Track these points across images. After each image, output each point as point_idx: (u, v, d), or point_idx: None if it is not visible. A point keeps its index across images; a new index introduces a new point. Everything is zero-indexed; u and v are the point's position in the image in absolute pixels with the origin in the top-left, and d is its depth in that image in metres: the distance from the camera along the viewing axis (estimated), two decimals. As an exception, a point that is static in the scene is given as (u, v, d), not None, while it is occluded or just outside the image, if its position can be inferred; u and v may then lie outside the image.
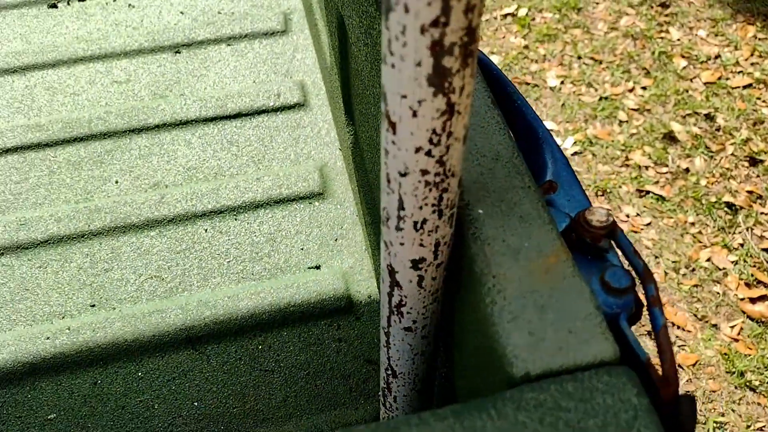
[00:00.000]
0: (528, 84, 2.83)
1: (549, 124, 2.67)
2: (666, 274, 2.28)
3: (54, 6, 1.65)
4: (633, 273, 0.55)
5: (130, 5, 1.63)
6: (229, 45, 1.52)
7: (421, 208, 0.47)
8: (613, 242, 0.54)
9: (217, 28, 1.54)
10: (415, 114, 0.42)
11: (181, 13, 1.61)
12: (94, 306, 1.14)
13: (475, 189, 0.54)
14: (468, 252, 0.52)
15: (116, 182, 1.31)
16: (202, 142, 1.37)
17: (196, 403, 1.05)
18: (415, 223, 0.48)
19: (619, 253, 0.55)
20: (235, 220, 1.25)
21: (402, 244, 0.51)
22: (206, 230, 1.24)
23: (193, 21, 1.58)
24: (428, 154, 0.44)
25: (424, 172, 0.45)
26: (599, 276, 0.52)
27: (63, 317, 1.13)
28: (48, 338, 1.09)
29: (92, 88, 1.47)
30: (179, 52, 1.52)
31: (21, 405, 1.04)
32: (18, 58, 1.50)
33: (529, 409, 0.44)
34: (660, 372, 0.47)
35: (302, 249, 1.21)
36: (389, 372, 0.65)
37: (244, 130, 1.38)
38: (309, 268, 1.18)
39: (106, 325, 1.10)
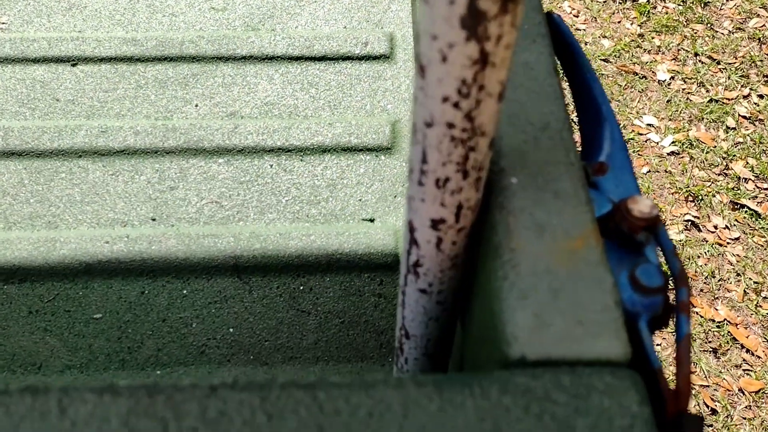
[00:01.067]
0: (636, 74, 2.69)
1: (650, 119, 2.55)
2: (745, 294, 2.15)
3: (168, -73, 1.68)
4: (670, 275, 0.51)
5: None
6: None
7: (444, 164, 0.45)
8: (653, 238, 0.50)
9: None
10: (444, 59, 0.39)
11: (287, -53, 1.60)
12: (154, 220, 1.18)
13: (513, 156, 0.51)
14: (491, 220, 0.49)
15: (196, 105, 1.34)
16: (284, 79, 1.37)
17: (231, 329, 1.08)
18: (437, 180, 0.46)
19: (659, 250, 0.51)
20: (301, 161, 1.25)
21: (423, 200, 0.49)
22: (271, 166, 1.25)
23: (297, -42, 1.57)
24: (456, 105, 0.41)
25: (450, 126, 0.43)
26: (630, 270, 0.49)
27: (125, 225, 1.17)
28: (107, 242, 1.13)
29: (190, 11, 1.50)
30: None
31: (72, 300, 1.09)
32: None
33: (516, 393, 0.41)
34: (673, 385, 0.44)
35: (360, 200, 1.20)
36: (402, 332, 0.64)
37: (326, 74, 1.38)
38: (363, 219, 1.18)
39: (162, 240, 1.14)
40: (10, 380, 1.04)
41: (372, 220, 1.18)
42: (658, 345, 2.09)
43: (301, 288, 1.10)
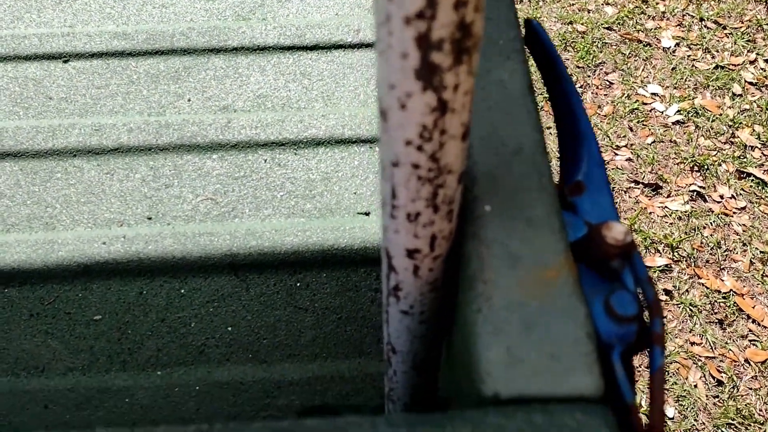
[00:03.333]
0: (640, 42, 2.65)
1: (655, 88, 2.51)
2: (751, 264, 2.14)
3: None
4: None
5: None
6: None
7: (413, 200, 0.45)
8: (627, 264, 0.49)
9: None
10: (403, 106, 0.39)
11: (277, -68, 1.57)
12: (150, 219, 1.18)
13: (486, 182, 0.51)
14: (466, 250, 0.49)
15: (188, 100, 1.33)
16: (276, 70, 1.36)
17: (230, 328, 1.09)
18: (408, 214, 0.46)
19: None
20: (295, 154, 1.25)
21: (396, 231, 0.49)
22: (266, 161, 1.24)
23: (287, -58, 1.54)
24: (419, 149, 0.41)
25: (416, 166, 0.42)
26: (605, 297, 0.49)
27: (121, 225, 1.18)
28: (104, 243, 1.14)
29: (180, 2, 1.48)
30: None
31: (72, 302, 1.10)
32: None
33: None
34: (646, 420, 0.44)
35: (355, 193, 1.20)
36: (389, 347, 0.65)
37: (318, 64, 1.36)
38: (359, 213, 1.18)
39: (159, 239, 1.14)
40: (14, 384, 1.05)
41: (368, 214, 1.17)
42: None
43: (298, 284, 1.11)
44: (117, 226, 1.17)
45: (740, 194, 2.27)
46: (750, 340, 2.05)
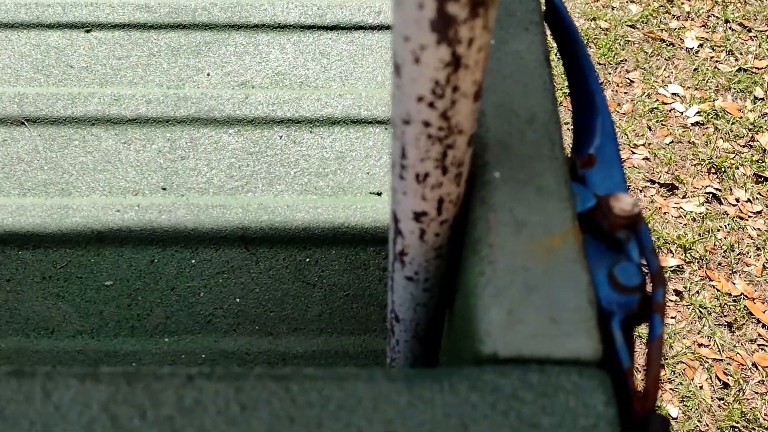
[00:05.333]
0: (663, 41, 2.63)
1: (675, 88, 2.49)
2: (764, 268, 2.12)
3: None
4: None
5: None
6: None
7: (423, 160, 0.45)
8: (633, 235, 0.50)
9: None
10: (417, 60, 0.39)
11: None
12: (165, 189, 1.19)
13: (498, 150, 0.51)
14: (472, 215, 0.49)
15: (208, 74, 1.34)
16: (295, 49, 1.37)
17: (238, 300, 1.10)
18: (417, 174, 0.46)
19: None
20: (310, 132, 1.26)
21: (404, 193, 0.49)
22: (281, 137, 1.25)
23: None
24: (431, 105, 0.41)
25: (427, 124, 0.43)
26: (609, 267, 0.49)
27: (136, 194, 1.19)
28: (118, 211, 1.16)
29: (204, -23, 1.49)
30: None
31: (84, 267, 1.12)
32: None
33: (485, 391, 0.42)
34: (641, 385, 0.44)
35: (368, 173, 1.20)
36: (393, 315, 0.65)
37: (338, 44, 1.37)
38: (371, 193, 1.18)
39: (172, 210, 1.15)
40: (24, 344, 1.07)
41: (379, 194, 1.18)
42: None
43: (308, 260, 1.12)
44: (132, 194, 1.19)
45: (757, 198, 2.25)
46: (759, 345, 2.04)
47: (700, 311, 2.03)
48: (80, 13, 1.43)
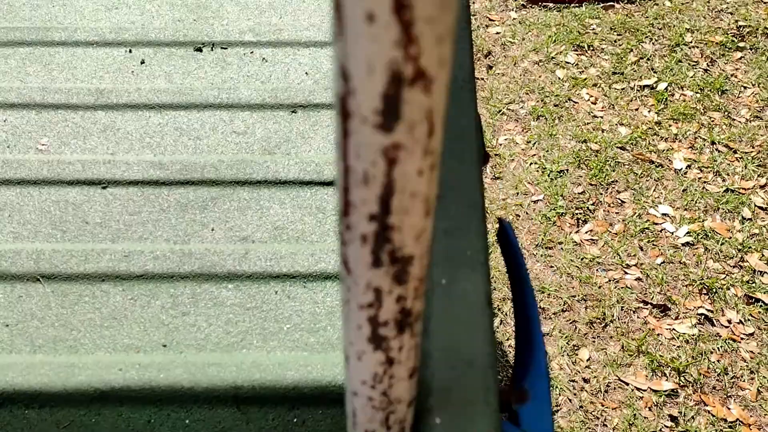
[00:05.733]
0: (652, 162, 2.74)
1: (665, 209, 2.58)
2: (759, 393, 2.14)
3: (199, 50, 1.82)
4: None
5: (264, 59, 1.77)
6: None
7: (370, 422, 0.53)
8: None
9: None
10: (359, 358, 0.47)
11: (306, 73, 1.73)
12: (165, 346, 1.27)
13: (441, 394, 0.59)
14: (417, 458, 0.57)
15: (212, 229, 1.45)
16: (294, 204, 1.47)
17: (231, 458, 1.15)
18: (366, 430, 0.54)
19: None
20: (304, 287, 1.34)
21: (358, 437, 0.56)
22: (276, 292, 1.34)
23: (314, 83, 1.69)
24: (372, 387, 0.49)
25: (370, 399, 0.51)
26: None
27: (138, 352, 1.27)
28: (120, 369, 1.23)
29: (213, 134, 1.62)
30: (295, 112, 1.64)
31: (85, 428, 1.18)
32: (158, 96, 1.68)
33: None
34: None
35: (357, 329, 1.28)
36: None
37: (334, 199, 1.47)
38: (359, 349, 1.25)
39: (170, 368, 1.23)
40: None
41: (367, 350, 1.25)
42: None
43: (295, 420, 1.18)
44: (134, 352, 1.26)
45: (748, 320, 2.29)
46: (758, 472, 2.04)
47: (696, 438, 2.05)
48: (98, 170, 1.55)
